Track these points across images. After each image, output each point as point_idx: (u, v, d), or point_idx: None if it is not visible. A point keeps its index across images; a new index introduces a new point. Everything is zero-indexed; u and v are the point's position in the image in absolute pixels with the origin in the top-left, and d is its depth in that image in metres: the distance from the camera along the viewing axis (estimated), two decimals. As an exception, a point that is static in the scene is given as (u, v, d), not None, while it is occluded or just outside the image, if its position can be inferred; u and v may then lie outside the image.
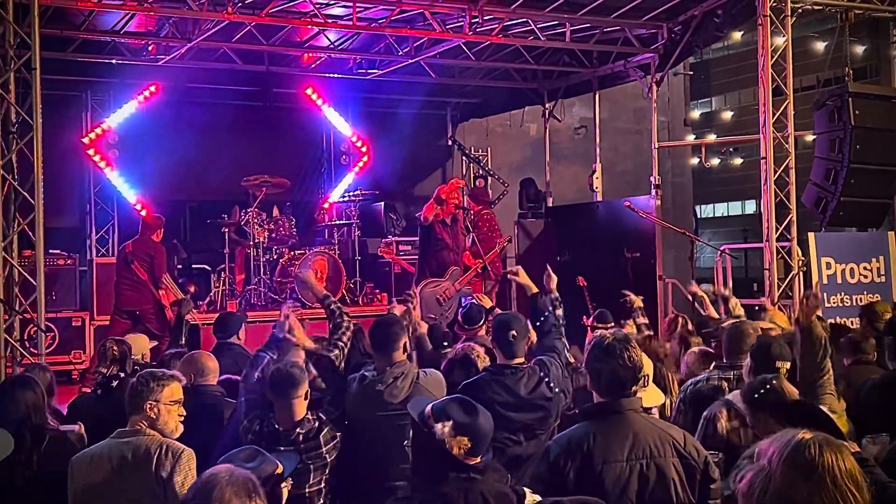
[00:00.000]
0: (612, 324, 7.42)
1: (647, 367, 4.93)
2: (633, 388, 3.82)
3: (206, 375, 5.72)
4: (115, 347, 6.32)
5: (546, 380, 5.10)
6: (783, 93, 10.97)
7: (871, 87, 11.23)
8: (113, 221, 14.16)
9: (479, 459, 3.42)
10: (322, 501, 4.67)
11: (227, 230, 12.78)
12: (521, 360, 5.28)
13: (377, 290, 13.23)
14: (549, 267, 6.27)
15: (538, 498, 3.44)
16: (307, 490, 4.55)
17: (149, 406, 4.29)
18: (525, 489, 3.50)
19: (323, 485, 4.65)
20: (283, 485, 3.56)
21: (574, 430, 3.79)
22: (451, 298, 10.44)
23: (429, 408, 3.57)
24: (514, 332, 5.28)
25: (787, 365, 4.91)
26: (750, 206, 42.30)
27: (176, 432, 4.36)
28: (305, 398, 4.68)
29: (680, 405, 5.32)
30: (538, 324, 5.61)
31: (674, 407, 5.49)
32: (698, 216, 29.47)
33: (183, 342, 6.81)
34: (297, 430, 4.58)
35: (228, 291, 12.59)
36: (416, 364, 5.59)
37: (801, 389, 4.46)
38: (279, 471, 3.54)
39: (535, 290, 6.04)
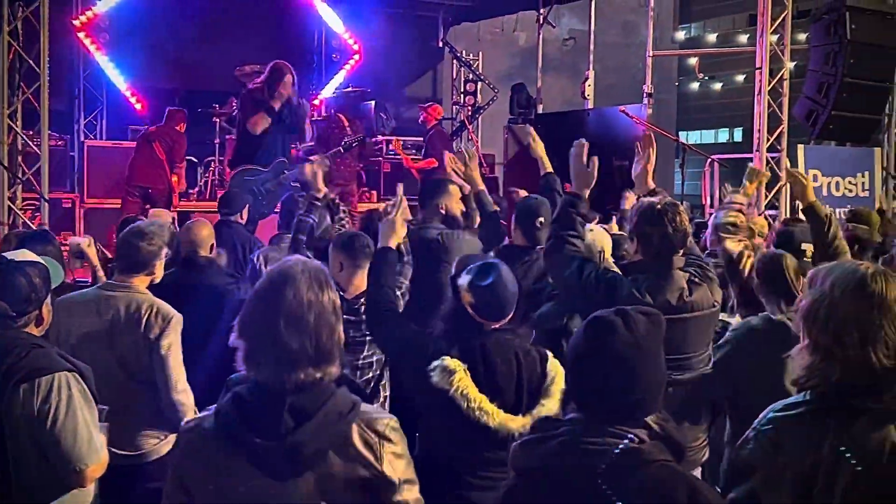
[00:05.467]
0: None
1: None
2: (681, 251, 4.00)
3: (199, 246, 5.55)
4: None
5: None
6: (781, 3, 11.05)
7: (869, 2, 11.31)
8: (102, 107, 14.06)
9: (500, 324, 3.56)
10: (374, 374, 4.71)
11: (218, 120, 12.76)
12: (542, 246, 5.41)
13: (366, 188, 13.30)
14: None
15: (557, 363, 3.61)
16: (360, 361, 4.55)
17: (157, 264, 4.34)
18: (548, 352, 3.65)
19: (375, 357, 4.64)
20: None
21: (622, 281, 3.94)
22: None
23: (458, 262, 3.74)
24: (541, 219, 5.31)
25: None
26: (723, 136, 42.49)
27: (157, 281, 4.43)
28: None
29: None
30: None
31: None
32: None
33: None
34: (361, 300, 4.44)
35: (218, 181, 12.61)
36: None
37: None
38: None
39: (551, 168, 6.06)
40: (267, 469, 2.29)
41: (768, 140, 11.04)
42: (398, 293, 4.48)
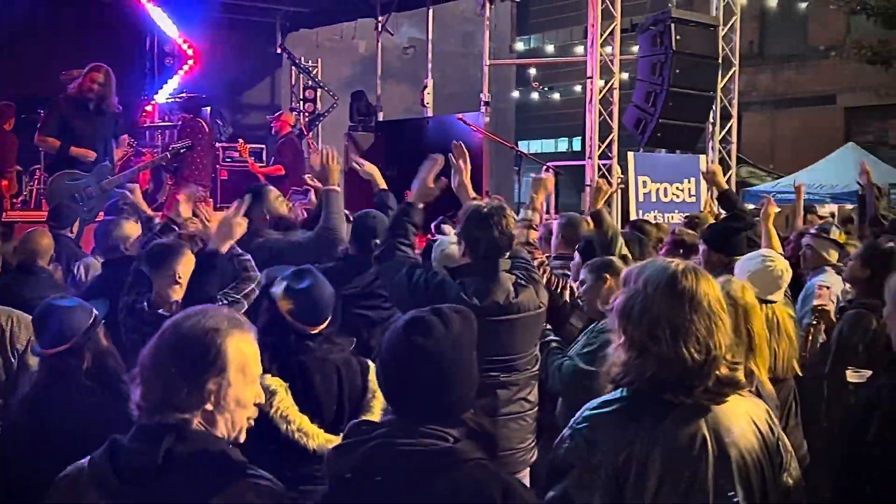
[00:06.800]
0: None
1: None
2: (507, 254, 4.04)
3: (39, 255, 5.52)
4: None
5: None
6: (612, 15, 11.38)
7: (693, 14, 11.79)
8: (-85, 112, 13.20)
9: (320, 329, 3.56)
10: None
11: (44, 126, 12.20)
12: None
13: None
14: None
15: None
16: None
17: None
18: (369, 361, 3.63)
19: None
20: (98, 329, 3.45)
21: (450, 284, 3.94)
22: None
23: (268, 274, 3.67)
24: (377, 241, 5.25)
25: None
26: (562, 144, 43.56)
27: None
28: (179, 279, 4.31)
29: None
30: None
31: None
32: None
33: None
34: (160, 311, 4.20)
35: (43, 190, 12.06)
36: None
37: None
38: (94, 314, 3.45)
39: (384, 185, 6.02)
40: None
41: (600, 147, 11.34)
42: (224, 302, 4.36)
